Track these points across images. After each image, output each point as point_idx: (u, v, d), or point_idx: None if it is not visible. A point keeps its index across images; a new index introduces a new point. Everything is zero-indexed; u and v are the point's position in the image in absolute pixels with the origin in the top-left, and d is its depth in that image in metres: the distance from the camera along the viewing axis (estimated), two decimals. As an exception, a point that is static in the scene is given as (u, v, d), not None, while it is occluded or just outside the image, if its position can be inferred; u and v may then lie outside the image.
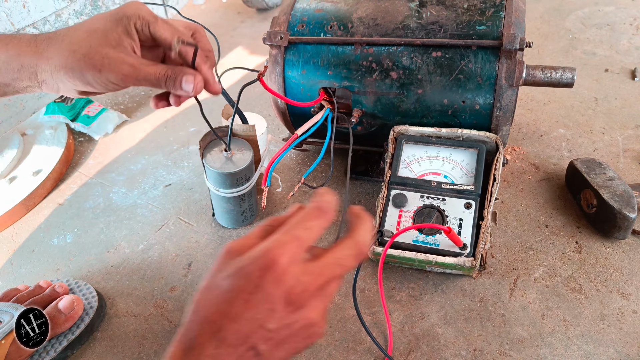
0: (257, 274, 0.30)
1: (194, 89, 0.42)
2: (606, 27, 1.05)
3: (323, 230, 0.33)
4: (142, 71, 0.40)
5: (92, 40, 0.39)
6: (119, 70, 0.39)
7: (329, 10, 0.65)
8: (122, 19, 0.40)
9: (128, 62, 0.40)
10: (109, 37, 0.40)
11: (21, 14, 0.66)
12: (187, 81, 0.41)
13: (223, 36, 1.25)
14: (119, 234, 0.69)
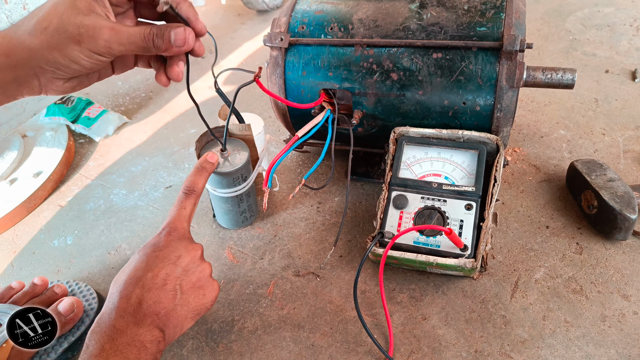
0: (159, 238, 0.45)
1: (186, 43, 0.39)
2: (606, 28, 1.05)
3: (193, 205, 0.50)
4: (125, 33, 0.37)
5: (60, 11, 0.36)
6: (99, 36, 0.36)
7: (329, 11, 0.65)
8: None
9: (107, 26, 0.36)
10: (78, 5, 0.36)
11: (22, 15, 0.66)
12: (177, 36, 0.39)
13: (223, 38, 1.26)
14: (119, 236, 0.69)
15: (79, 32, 0.36)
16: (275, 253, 0.64)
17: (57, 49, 0.36)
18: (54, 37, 0.36)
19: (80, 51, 0.36)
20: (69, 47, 0.36)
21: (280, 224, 0.68)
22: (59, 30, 0.35)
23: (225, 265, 0.63)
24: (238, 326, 0.55)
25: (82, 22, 0.36)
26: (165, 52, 0.40)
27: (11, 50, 0.36)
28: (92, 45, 0.36)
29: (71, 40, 0.36)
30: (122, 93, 1.07)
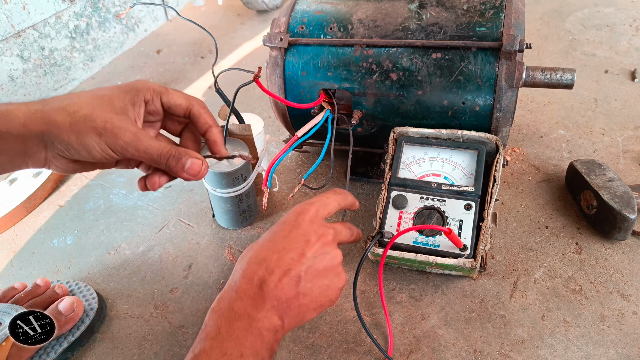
0: (293, 217, 0.41)
1: (198, 175, 0.40)
2: (606, 28, 1.05)
3: (338, 204, 0.44)
4: (144, 142, 0.38)
5: (95, 103, 0.37)
6: (120, 136, 0.37)
7: (328, 11, 0.65)
8: (130, 91, 0.39)
9: (131, 131, 0.37)
10: (115, 104, 0.38)
11: (21, 16, 0.66)
12: (192, 165, 0.40)
13: (223, 38, 1.26)
14: (119, 236, 0.69)
15: (104, 126, 0.36)
16: (274, 253, 0.64)
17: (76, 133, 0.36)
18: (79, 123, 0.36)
19: (97, 143, 0.37)
20: (89, 135, 0.36)
21: (279, 224, 0.68)
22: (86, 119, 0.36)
23: (225, 265, 0.63)
24: (237, 326, 0.55)
25: (111, 119, 0.37)
26: (173, 173, 0.40)
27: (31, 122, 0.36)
28: (110, 141, 0.37)
29: (93, 131, 0.36)
30: (122, 93, 1.07)
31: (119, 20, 0.84)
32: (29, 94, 0.70)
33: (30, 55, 0.69)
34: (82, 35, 0.78)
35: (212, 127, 0.42)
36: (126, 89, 0.39)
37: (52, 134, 0.36)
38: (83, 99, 0.37)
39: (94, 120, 0.36)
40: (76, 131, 0.36)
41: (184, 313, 0.57)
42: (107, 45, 0.83)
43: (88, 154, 0.37)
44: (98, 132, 0.36)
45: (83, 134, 0.36)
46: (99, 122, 0.36)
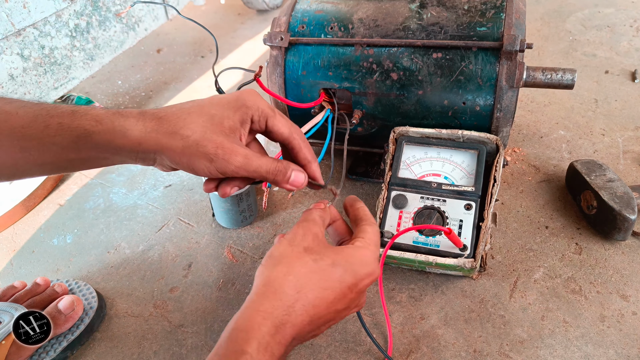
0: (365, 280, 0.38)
1: (301, 186, 0.41)
2: (606, 29, 1.05)
3: None
4: (254, 164, 0.38)
5: (207, 126, 0.38)
6: (231, 161, 0.37)
7: (329, 11, 0.65)
8: (240, 108, 0.40)
9: (241, 154, 0.38)
10: (225, 124, 0.38)
11: (22, 14, 0.66)
12: (296, 178, 0.40)
13: (224, 37, 1.26)
14: (119, 235, 0.69)
15: (215, 152, 0.37)
16: (274, 252, 0.64)
17: (188, 156, 0.37)
18: (191, 147, 0.37)
19: (208, 167, 0.38)
20: (200, 160, 0.37)
21: (279, 224, 0.68)
22: (199, 145, 0.37)
23: (225, 264, 0.63)
24: (237, 325, 0.55)
25: (222, 143, 0.37)
26: (276, 185, 0.41)
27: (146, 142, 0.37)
28: (221, 166, 0.38)
29: (205, 157, 0.37)
30: (122, 92, 1.07)
31: (119, 19, 0.84)
32: (29, 92, 0.70)
33: (30, 53, 0.69)
34: (83, 34, 0.77)
35: (311, 162, 0.43)
36: (236, 106, 0.40)
37: (164, 155, 0.38)
38: (196, 123, 0.38)
39: (206, 146, 0.37)
40: (188, 155, 0.37)
41: (184, 312, 0.57)
42: (108, 44, 0.83)
43: (195, 173, 0.39)
44: (209, 158, 0.37)
45: (194, 158, 0.37)
46: (210, 149, 0.37)
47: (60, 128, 0.37)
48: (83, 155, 0.38)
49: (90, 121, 0.37)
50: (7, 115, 0.36)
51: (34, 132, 0.37)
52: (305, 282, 0.35)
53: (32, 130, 0.37)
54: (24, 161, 0.38)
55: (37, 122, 0.37)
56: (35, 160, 0.38)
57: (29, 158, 0.37)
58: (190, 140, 0.37)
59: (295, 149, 0.42)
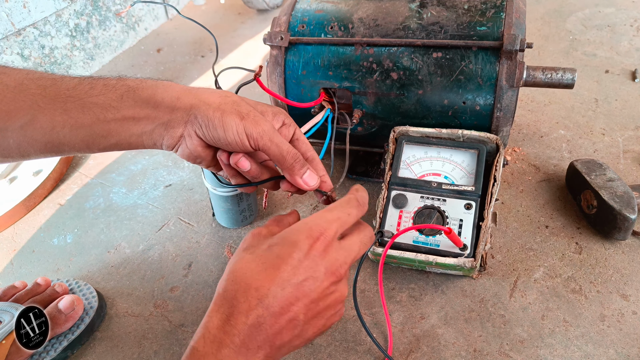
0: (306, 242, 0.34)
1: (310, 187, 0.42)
2: (607, 29, 1.05)
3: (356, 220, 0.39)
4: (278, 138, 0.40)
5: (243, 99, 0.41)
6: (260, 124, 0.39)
7: (329, 10, 0.65)
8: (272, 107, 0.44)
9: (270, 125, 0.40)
10: (258, 108, 0.42)
11: (22, 14, 0.66)
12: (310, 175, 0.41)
13: (224, 37, 1.26)
14: (119, 234, 0.69)
15: (247, 113, 0.39)
16: (274, 252, 0.64)
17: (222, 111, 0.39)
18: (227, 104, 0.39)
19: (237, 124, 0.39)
20: (231, 116, 0.39)
21: (279, 223, 0.68)
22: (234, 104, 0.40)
23: (225, 264, 0.63)
24: (237, 325, 0.55)
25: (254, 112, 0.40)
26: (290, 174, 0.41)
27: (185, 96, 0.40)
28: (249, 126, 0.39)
29: (237, 114, 0.39)
30: (122, 92, 1.07)
31: (119, 18, 0.84)
32: (29, 92, 0.70)
33: (30, 53, 0.69)
34: (83, 33, 0.77)
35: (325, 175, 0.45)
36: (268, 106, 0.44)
37: (200, 109, 0.39)
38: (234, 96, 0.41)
39: (240, 106, 0.40)
40: (222, 110, 0.39)
41: (184, 312, 0.57)
42: (108, 44, 0.83)
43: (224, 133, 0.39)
44: (241, 115, 0.39)
45: (227, 113, 0.39)
46: (243, 109, 0.40)
47: (105, 88, 0.39)
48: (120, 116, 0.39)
49: (134, 81, 0.40)
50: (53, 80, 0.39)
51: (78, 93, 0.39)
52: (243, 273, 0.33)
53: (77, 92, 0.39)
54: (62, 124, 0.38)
55: (83, 84, 0.39)
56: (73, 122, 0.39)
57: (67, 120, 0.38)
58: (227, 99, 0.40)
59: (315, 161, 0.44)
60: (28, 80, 0.38)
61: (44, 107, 0.38)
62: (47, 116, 0.38)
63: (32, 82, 0.38)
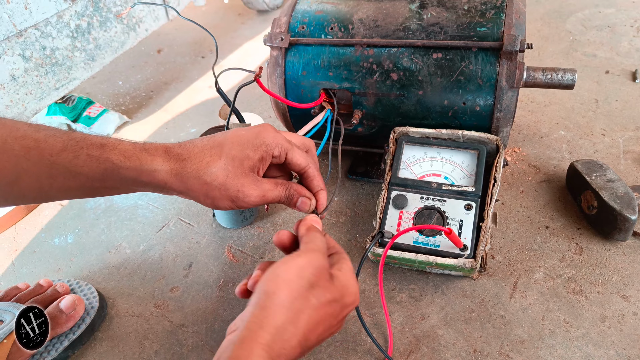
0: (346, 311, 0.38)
1: (308, 210, 0.45)
2: (607, 29, 1.05)
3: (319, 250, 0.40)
4: (269, 197, 0.43)
5: (229, 170, 0.41)
6: (249, 201, 0.42)
7: (329, 11, 0.65)
8: (261, 147, 0.42)
9: (258, 195, 0.42)
10: (245, 165, 0.42)
11: (23, 15, 0.66)
12: (302, 203, 0.45)
13: (223, 37, 1.26)
14: (119, 235, 0.69)
15: (236, 195, 0.41)
16: (275, 252, 0.64)
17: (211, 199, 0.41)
18: (213, 191, 0.41)
19: (230, 205, 0.42)
20: (222, 201, 0.42)
21: (279, 224, 0.68)
22: (221, 189, 0.41)
23: (225, 264, 0.63)
24: (238, 325, 0.55)
25: (242, 185, 0.41)
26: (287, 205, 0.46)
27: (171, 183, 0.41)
28: (240, 205, 0.42)
29: (227, 198, 0.41)
30: (123, 92, 1.08)
31: (119, 19, 0.84)
32: (30, 92, 0.70)
33: (32, 54, 0.69)
34: (84, 34, 0.78)
35: (322, 190, 0.46)
36: (256, 144, 0.42)
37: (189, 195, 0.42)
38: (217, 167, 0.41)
39: (228, 190, 0.41)
40: (211, 197, 0.41)
41: (184, 312, 0.57)
42: (108, 45, 0.83)
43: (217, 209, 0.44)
44: (231, 199, 0.41)
45: (217, 199, 0.41)
46: (232, 192, 0.41)
47: (89, 159, 0.39)
48: (108, 185, 0.41)
49: (118, 156, 0.39)
50: (36, 142, 0.38)
51: (62, 161, 0.38)
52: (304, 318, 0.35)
53: (61, 159, 0.38)
54: (49, 187, 0.39)
55: (66, 152, 0.38)
56: (60, 186, 0.39)
57: (54, 184, 0.39)
58: (213, 186, 0.41)
59: (309, 178, 0.45)
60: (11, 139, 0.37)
61: (27, 170, 0.37)
62: (32, 178, 0.38)
63: (15, 142, 0.37)
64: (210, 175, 0.40)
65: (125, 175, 0.39)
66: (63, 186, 0.39)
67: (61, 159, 0.38)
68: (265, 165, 0.43)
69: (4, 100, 0.67)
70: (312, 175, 0.45)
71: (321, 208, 0.46)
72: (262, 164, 0.43)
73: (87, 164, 0.38)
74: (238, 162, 0.41)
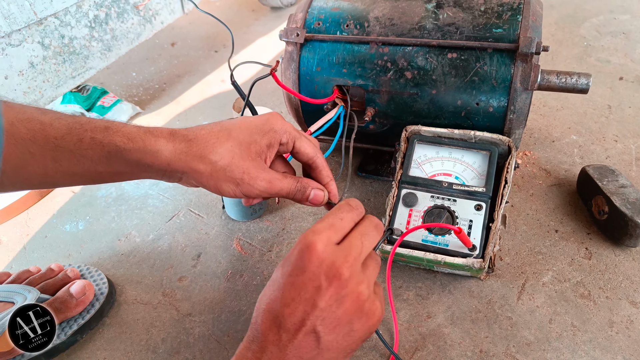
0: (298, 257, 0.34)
1: (320, 204, 0.44)
2: (621, 35, 1.04)
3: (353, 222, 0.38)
4: (276, 186, 0.41)
5: (235, 152, 0.40)
6: (255, 186, 0.40)
7: (345, 8, 0.65)
8: (269, 132, 0.41)
9: (265, 179, 0.41)
10: (252, 149, 0.40)
11: (44, 4, 0.67)
12: (315, 196, 0.43)
13: (237, 32, 1.26)
14: (130, 223, 0.70)
15: (242, 177, 0.40)
16: (283, 246, 0.64)
17: (215, 180, 0.40)
18: (218, 172, 0.39)
19: (233, 190, 0.40)
20: (227, 184, 0.40)
21: (288, 218, 0.68)
22: (226, 170, 0.39)
23: (234, 256, 0.63)
24: (245, 317, 0.55)
25: (248, 169, 0.40)
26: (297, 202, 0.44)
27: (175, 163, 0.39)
28: (246, 189, 0.40)
29: (232, 181, 0.40)
30: (136, 84, 1.09)
31: (137, 11, 0.85)
32: (47, 80, 0.71)
33: (50, 42, 0.70)
34: (101, 25, 0.79)
35: (332, 181, 0.45)
36: (263, 130, 0.41)
37: (192, 177, 0.40)
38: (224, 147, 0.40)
39: (233, 171, 0.39)
40: (215, 178, 0.40)
41: (192, 301, 0.58)
42: (125, 36, 0.84)
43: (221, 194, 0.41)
44: (236, 182, 0.40)
45: (221, 181, 0.40)
46: (237, 174, 0.40)
47: (93, 142, 0.38)
48: (112, 170, 0.40)
49: (122, 138, 0.38)
50: (42, 125, 0.37)
51: (67, 144, 0.38)
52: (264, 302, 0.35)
53: (66, 142, 0.38)
54: (54, 171, 0.39)
55: (70, 135, 0.38)
56: (65, 170, 0.39)
57: (59, 168, 0.39)
58: (218, 166, 0.39)
59: (318, 168, 0.44)
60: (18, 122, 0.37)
61: (34, 153, 0.37)
62: (38, 162, 0.38)
63: (22, 124, 0.37)
64: (216, 154, 0.39)
65: (128, 157, 0.39)
66: (68, 171, 0.39)
67: (65, 142, 0.38)
68: (272, 152, 0.42)
69: (22, 87, 0.68)
70: (322, 166, 0.44)
71: (335, 198, 0.45)
72: (269, 151, 0.42)
73: (91, 147, 0.38)
74: (245, 145, 0.40)
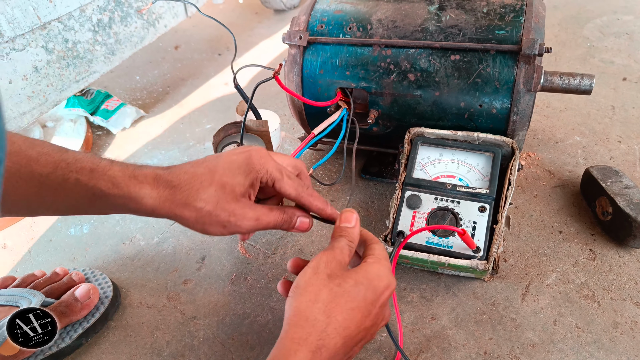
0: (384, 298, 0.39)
1: (306, 231, 0.45)
2: (625, 36, 1.04)
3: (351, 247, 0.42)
4: (263, 222, 0.42)
5: (219, 196, 0.40)
6: (243, 226, 0.41)
7: (348, 11, 0.66)
8: (250, 173, 0.42)
9: (252, 217, 0.41)
10: (236, 190, 0.41)
11: (47, 8, 0.68)
12: (300, 224, 0.44)
13: (240, 35, 1.27)
14: (134, 227, 0.70)
15: (228, 220, 0.40)
16: (287, 249, 0.64)
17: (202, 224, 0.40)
18: (204, 217, 0.40)
19: (221, 232, 0.41)
20: (214, 227, 0.41)
21: (292, 221, 0.68)
22: (211, 215, 0.40)
23: (238, 259, 0.64)
24: (249, 319, 0.56)
25: (233, 210, 0.40)
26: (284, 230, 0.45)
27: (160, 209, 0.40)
28: (234, 230, 0.41)
29: (218, 224, 0.40)
30: (140, 87, 1.09)
31: (140, 15, 0.86)
32: (51, 84, 0.72)
33: (54, 47, 0.71)
34: (105, 29, 0.79)
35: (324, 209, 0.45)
36: (246, 170, 0.41)
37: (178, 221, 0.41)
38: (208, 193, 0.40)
39: (218, 215, 0.40)
40: (201, 223, 0.40)
41: (196, 304, 0.58)
42: (128, 40, 0.84)
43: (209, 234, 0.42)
44: (222, 225, 0.40)
45: (207, 225, 0.40)
46: (223, 217, 0.40)
47: (78, 184, 0.38)
48: (96, 210, 0.41)
49: (107, 183, 0.39)
50: (28, 160, 0.37)
51: (51, 183, 0.38)
52: (334, 306, 0.36)
53: (50, 181, 0.38)
54: (38, 204, 0.39)
55: (56, 174, 0.38)
56: (49, 204, 0.39)
57: (42, 202, 0.39)
58: (203, 212, 0.40)
59: (305, 205, 0.45)
60: None
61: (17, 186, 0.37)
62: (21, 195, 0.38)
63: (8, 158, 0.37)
64: (200, 201, 0.39)
65: (113, 202, 0.39)
66: (52, 205, 0.39)
67: (50, 181, 0.38)
68: (255, 190, 0.43)
69: (26, 91, 0.68)
70: (308, 202, 0.44)
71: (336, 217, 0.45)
72: (252, 189, 0.42)
73: (75, 188, 0.38)
74: (229, 188, 0.40)
